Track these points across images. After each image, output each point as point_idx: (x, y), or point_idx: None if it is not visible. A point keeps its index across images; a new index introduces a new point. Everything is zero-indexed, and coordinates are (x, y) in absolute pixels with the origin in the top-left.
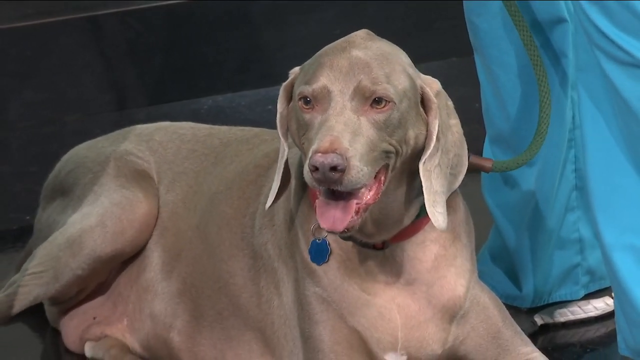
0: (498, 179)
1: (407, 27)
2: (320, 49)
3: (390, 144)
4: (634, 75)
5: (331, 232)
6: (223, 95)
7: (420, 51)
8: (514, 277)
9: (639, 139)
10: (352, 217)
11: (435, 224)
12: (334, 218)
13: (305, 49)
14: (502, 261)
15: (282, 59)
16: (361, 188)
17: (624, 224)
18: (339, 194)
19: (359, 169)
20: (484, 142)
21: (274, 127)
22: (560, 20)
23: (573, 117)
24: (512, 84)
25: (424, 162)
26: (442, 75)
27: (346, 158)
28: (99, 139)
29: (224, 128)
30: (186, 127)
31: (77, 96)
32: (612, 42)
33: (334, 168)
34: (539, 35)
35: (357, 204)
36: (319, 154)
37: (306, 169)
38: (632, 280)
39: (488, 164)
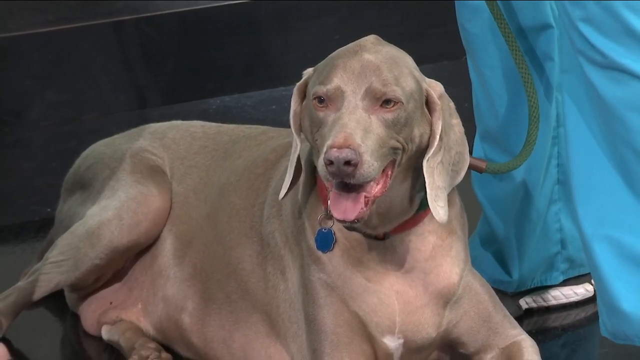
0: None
1: (403, 32)
2: (321, 53)
3: (397, 141)
4: (611, 78)
5: (342, 221)
6: (230, 96)
7: (415, 55)
8: (502, 262)
9: (617, 137)
10: (361, 208)
11: (437, 217)
12: (345, 208)
13: (307, 52)
14: (491, 246)
15: (285, 62)
16: (371, 181)
17: (602, 217)
18: (350, 187)
19: (370, 163)
20: (472, 138)
21: (278, 125)
22: (546, 27)
23: (557, 116)
24: (500, 85)
25: (428, 160)
26: (435, 77)
27: (359, 153)
28: (115, 136)
29: (232, 126)
30: (197, 125)
31: (95, 97)
32: (591, 45)
33: (347, 162)
34: (526, 40)
35: (366, 196)
36: (334, 149)
37: (321, 162)
38: (608, 270)
39: (482, 165)
